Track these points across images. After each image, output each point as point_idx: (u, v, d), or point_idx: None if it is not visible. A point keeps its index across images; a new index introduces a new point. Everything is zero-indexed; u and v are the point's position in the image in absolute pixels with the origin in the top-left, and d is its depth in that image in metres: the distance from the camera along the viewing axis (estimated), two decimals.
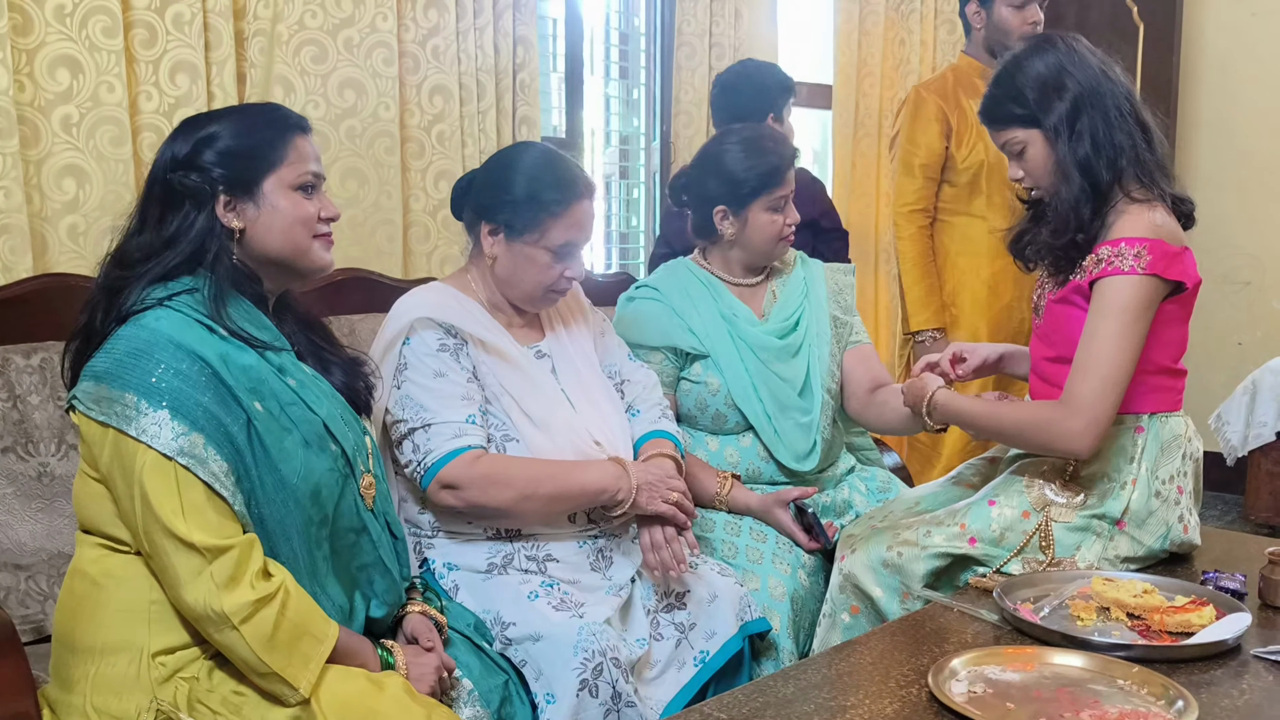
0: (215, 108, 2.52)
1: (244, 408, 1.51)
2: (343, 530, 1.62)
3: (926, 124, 3.30)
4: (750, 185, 2.32)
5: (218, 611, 1.43)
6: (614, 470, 1.98)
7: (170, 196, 1.59)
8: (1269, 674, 1.56)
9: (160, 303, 1.53)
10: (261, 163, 1.60)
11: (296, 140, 1.64)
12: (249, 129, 1.61)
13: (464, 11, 3.06)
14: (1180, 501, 1.99)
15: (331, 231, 1.68)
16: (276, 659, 1.45)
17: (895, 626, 1.79)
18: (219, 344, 1.53)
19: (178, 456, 1.44)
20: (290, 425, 1.56)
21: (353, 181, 2.89)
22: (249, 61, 2.68)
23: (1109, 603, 1.75)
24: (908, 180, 3.34)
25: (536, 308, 2.13)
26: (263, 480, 1.51)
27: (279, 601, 1.46)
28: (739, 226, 2.37)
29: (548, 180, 2.01)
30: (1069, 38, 2.01)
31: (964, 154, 3.28)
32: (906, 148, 3.35)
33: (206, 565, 1.43)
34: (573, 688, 1.76)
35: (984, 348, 2.24)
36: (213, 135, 1.59)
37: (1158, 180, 1.97)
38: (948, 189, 3.32)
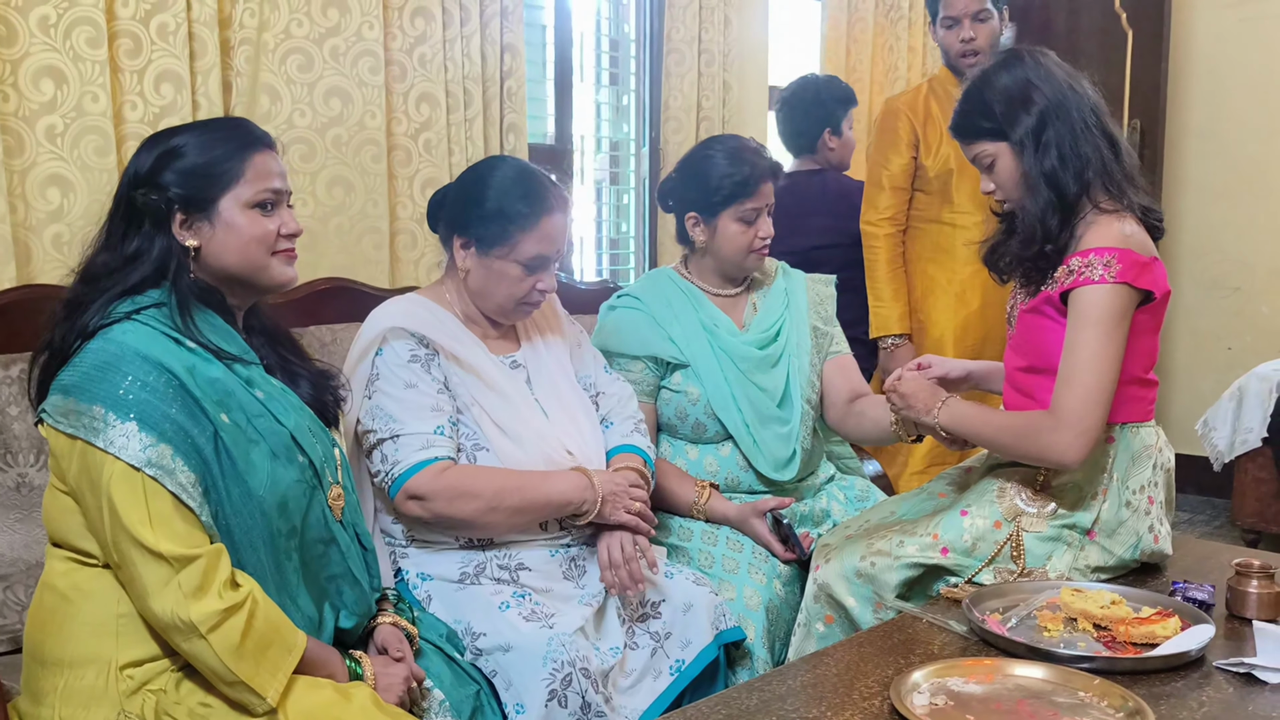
0: (200, 118, 2.56)
1: (211, 419, 1.52)
2: (311, 541, 1.63)
3: (894, 138, 3.31)
4: (721, 194, 2.34)
5: (185, 620, 1.44)
6: (580, 481, 2.00)
7: (131, 214, 1.61)
8: (1229, 686, 1.58)
9: (128, 316, 1.55)
10: (217, 181, 1.61)
11: (255, 157, 1.64)
12: (207, 147, 1.62)
13: (451, 20, 3.07)
14: (1151, 511, 2.01)
15: (294, 247, 1.68)
16: (244, 668, 1.46)
17: (864, 637, 1.81)
18: (186, 356, 1.54)
19: (145, 467, 1.45)
20: (257, 437, 1.57)
21: (339, 189, 2.91)
22: (235, 70, 2.70)
23: (1076, 613, 1.77)
24: (877, 193, 3.34)
25: (510, 320, 2.15)
26: (229, 491, 1.53)
27: (247, 611, 1.47)
28: (709, 235, 2.39)
29: (517, 194, 2.03)
30: (1036, 52, 2.03)
31: (932, 162, 3.28)
32: (875, 161, 3.36)
33: (174, 574, 1.45)
34: (541, 698, 1.78)
35: (951, 364, 2.24)
36: (172, 152, 1.61)
37: (1126, 191, 1.98)
38: (921, 196, 3.33)
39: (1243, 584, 1.82)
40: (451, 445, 1.97)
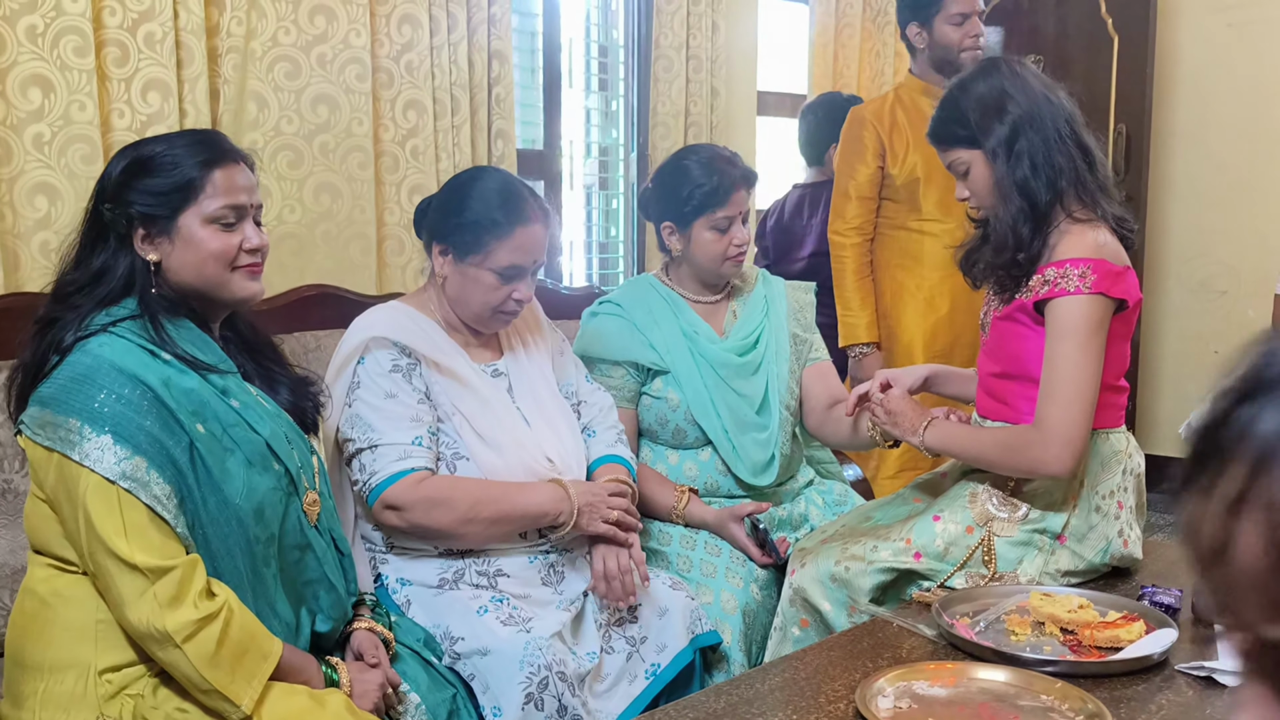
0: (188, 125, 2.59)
1: (186, 430, 1.55)
2: (287, 547, 1.66)
3: (860, 148, 3.30)
4: (693, 204, 2.37)
5: (161, 630, 1.47)
6: (556, 493, 2.02)
7: (99, 228, 1.63)
8: (1189, 689, 1.61)
9: (105, 328, 1.57)
10: (177, 197, 1.62)
11: (216, 173, 1.64)
12: (170, 162, 1.63)
13: (438, 27, 3.10)
14: (1121, 516, 2.03)
15: (258, 261, 1.68)
16: (219, 676, 1.49)
17: (834, 641, 1.83)
18: (161, 368, 1.57)
19: (120, 480, 1.48)
20: (233, 446, 1.60)
21: (326, 196, 2.93)
22: (222, 78, 2.72)
23: (1044, 617, 1.79)
24: (844, 203, 3.33)
25: (487, 329, 2.17)
26: (206, 501, 1.55)
27: (222, 620, 1.50)
28: (684, 244, 2.42)
29: (495, 203, 2.06)
30: (1014, 62, 2.06)
31: (899, 171, 3.28)
32: (842, 170, 3.36)
33: (149, 585, 1.47)
34: (518, 701, 1.81)
35: (908, 377, 2.26)
36: (137, 166, 1.62)
37: (1100, 201, 2.01)
38: (888, 204, 3.34)
39: None
40: (430, 456, 2.00)
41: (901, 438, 2.15)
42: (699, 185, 2.36)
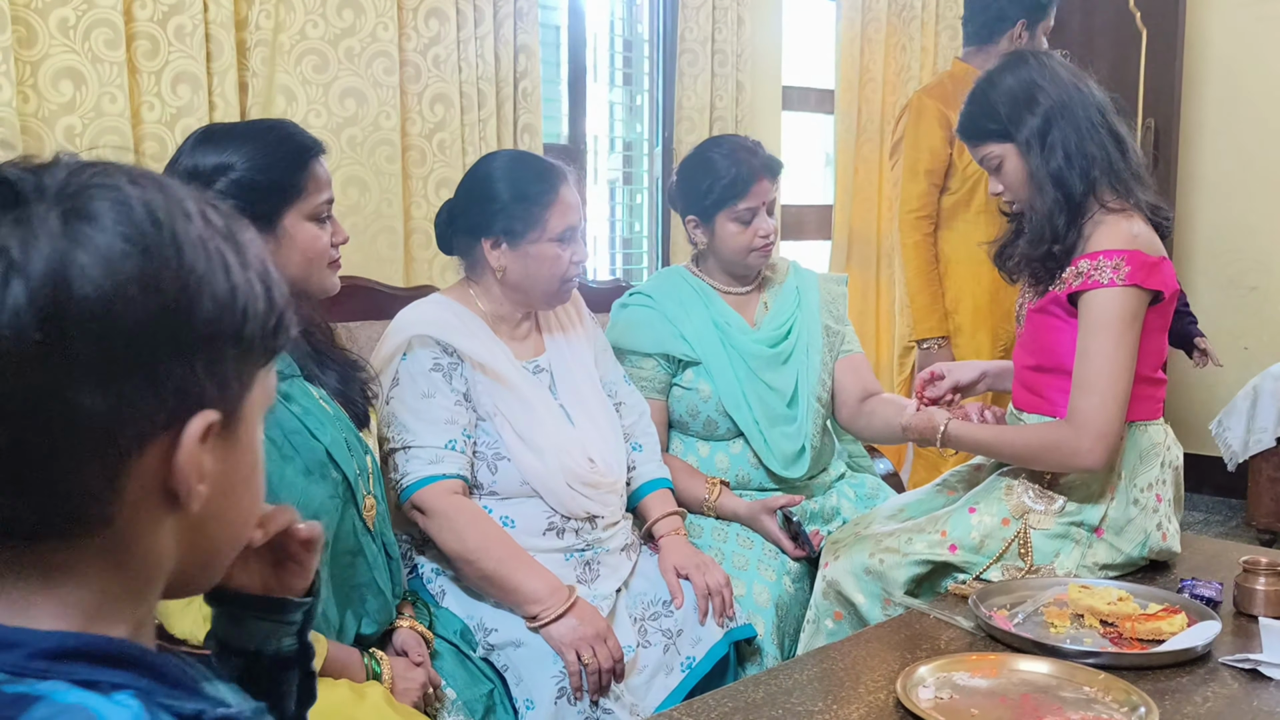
0: (217, 119, 2.58)
1: None
2: (340, 553, 1.65)
3: (930, 129, 3.31)
4: (713, 197, 2.36)
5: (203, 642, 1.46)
6: (558, 593, 1.91)
7: None
8: (1235, 682, 1.58)
9: None
10: (281, 196, 1.60)
11: (313, 167, 1.63)
12: (268, 160, 1.59)
13: (465, 21, 3.09)
14: (1159, 509, 2.01)
15: (340, 254, 1.69)
16: None
17: (871, 633, 1.82)
18: None
19: None
20: (292, 453, 1.58)
21: (354, 189, 2.93)
22: (251, 71, 2.72)
23: (1083, 610, 1.77)
24: (912, 185, 3.35)
25: (555, 303, 2.16)
26: None
27: None
28: (709, 236, 2.41)
29: (528, 176, 2.05)
30: (1041, 54, 2.04)
31: (965, 160, 3.29)
32: (911, 153, 3.36)
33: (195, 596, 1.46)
34: (551, 695, 1.80)
35: (961, 370, 2.25)
36: (230, 164, 1.58)
37: (1133, 190, 1.99)
38: (947, 197, 3.34)
39: (1250, 581, 1.82)
40: (464, 461, 1.98)
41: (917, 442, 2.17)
42: (719, 178, 2.35)
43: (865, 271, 4.32)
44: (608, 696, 1.88)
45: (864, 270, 4.31)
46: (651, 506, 2.23)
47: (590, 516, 2.06)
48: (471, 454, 2.02)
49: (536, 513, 2.04)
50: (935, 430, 2.08)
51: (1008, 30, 3.30)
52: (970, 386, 2.25)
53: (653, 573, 2.13)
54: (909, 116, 3.42)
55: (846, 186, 4.25)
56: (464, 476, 1.98)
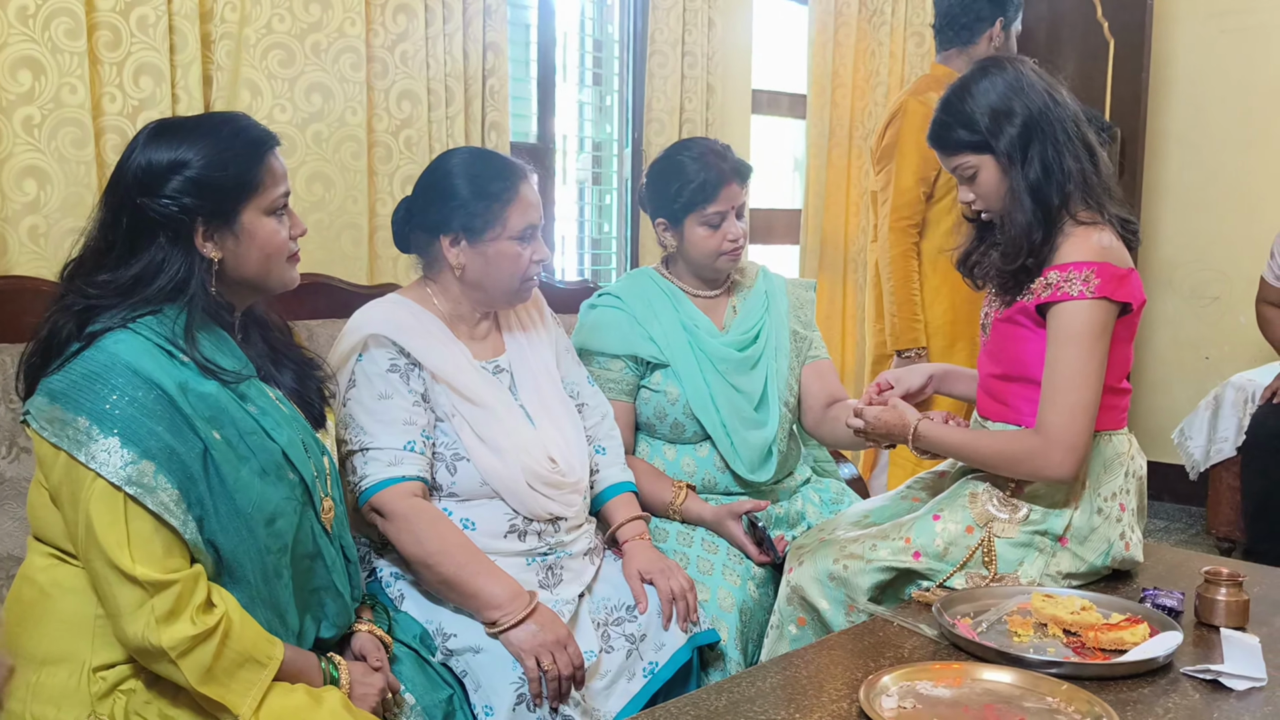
0: (180, 111, 2.54)
1: (201, 437, 1.50)
2: (298, 556, 1.62)
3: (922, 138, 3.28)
4: (682, 200, 2.34)
5: (155, 646, 1.43)
6: (519, 598, 1.88)
7: (143, 224, 1.55)
8: (1196, 692, 1.59)
9: (123, 323, 1.51)
10: (239, 192, 1.57)
11: (270, 160, 1.61)
12: (224, 156, 1.57)
13: (433, 17, 3.06)
14: (1122, 519, 2.02)
15: (299, 248, 1.67)
16: (214, 689, 1.46)
17: (835, 640, 1.81)
18: (179, 371, 1.52)
19: (125, 485, 1.43)
20: (248, 454, 1.55)
21: (319, 185, 2.89)
22: (215, 65, 2.68)
23: (1047, 619, 1.78)
24: (905, 191, 3.30)
25: (516, 303, 2.14)
26: (217, 509, 1.51)
27: (220, 634, 1.46)
28: (678, 240, 2.40)
29: (488, 173, 2.03)
30: (1015, 61, 2.03)
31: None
32: (907, 156, 3.31)
33: (148, 599, 1.43)
34: (510, 701, 1.78)
35: (909, 377, 2.24)
36: (185, 160, 1.55)
37: (1104, 203, 1.99)
38: (932, 204, 3.33)
39: (1211, 592, 1.83)
40: (423, 462, 1.96)
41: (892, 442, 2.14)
42: (688, 181, 2.33)
43: (833, 277, 4.32)
44: (567, 703, 1.86)
45: (832, 276, 4.32)
46: (615, 511, 2.21)
47: (553, 518, 2.04)
48: (430, 455, 1.99)
49: (497, 514, 2.01)
50: (907, 427, 2.07)
51: (986, 30, 3.31)
52: (919, 392, 2.24)
53: (616, 577, 2.11)
54: (902, 120, 3.35)
55: (816, 191, 4.26)
56: (423, 478, 1.96)
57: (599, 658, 1.97)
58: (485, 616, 1.88)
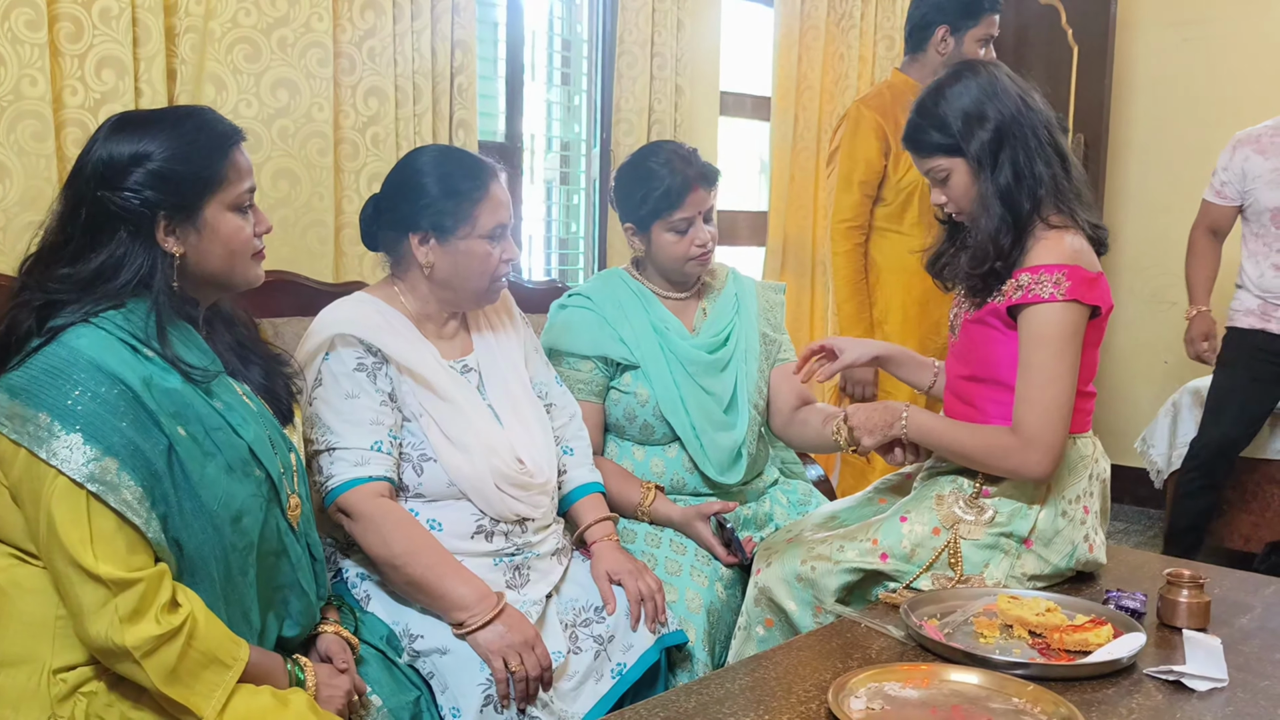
0: (143, 105, 2.51)
1: (166, 433, 1.48)
2: (263, 553, 1.60)
3: (866, 140, 3.33)
4: (648, 207, 2.34)
5: (119, 646, 1.40)
6: (486, 600, 1.87)
7: (103, 218, 1.52)
8: (1159, 693, 1.60)
9: (85, 318, 1.49)
10: (202, 187, 1.55)
11: (234, 155, 1.59)
12: (187, 149, 1.55)
13: (401, 14, 3.04)
14: (1086, 521, 2.04)
15: (264, 245, 1.65)
16: (178, 690, 1.43)
17: (803, 641, 1.81)
18: (143, 366, 1.49)
19: (88, 483, 1.41)
20: (214, 450, 1.53)
21: (284, 182, 2.86)
22: (179, 58, 2.65)
23: (1012, 620, 1.79)
24: (845, 195, 3.36)
25: (485, 303, 2.13)
26: (181, 506, 1.48)
27: (184, 635, 1.44)
28: (646, 245, 2.39)
29: (458, 172, 2.02)
30: (990, 65, 2.04)
31: (900, 173, 3.31)
32: (846, 163, 3.37)
33: (111, 598, 1.41)
34: (477, 702, 1.77)
35: (856, 348, 2.24)
36: (147, 153, 1.53)
37: (1075, 208, 2.01)
38: (880, 208, 3.36)
39: (1173, 593, 1.85)
40: (390, 462, 1.94)
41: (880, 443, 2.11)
42: (653, 188, 2.33)
43: (799, 279, 4.34)
44: (535, 704, 1.85)
45: (798, 278, 4.33)
46: (583, 512, 2.20)
47: (520, 519, 2.03)
48: (398, 456, 1.97)
49: (464, 515, 2.00)
50: (898, 415, 2.06)
51: (931, 37, 3.34)
52: (862, 370, 2.24)
53: (584, 578, 2.11)
54: (846, 126, 3.43)
55: (782, 194, 4.27)
56: (390, 479, 1.94)
57: (567, 659, 1.96)
58: (452, 617, 1.86)
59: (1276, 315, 3.74)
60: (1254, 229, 3.76)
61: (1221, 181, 3.80)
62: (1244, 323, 3.80)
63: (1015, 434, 1.94)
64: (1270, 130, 3.74)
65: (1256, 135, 3.75)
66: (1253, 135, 3.76)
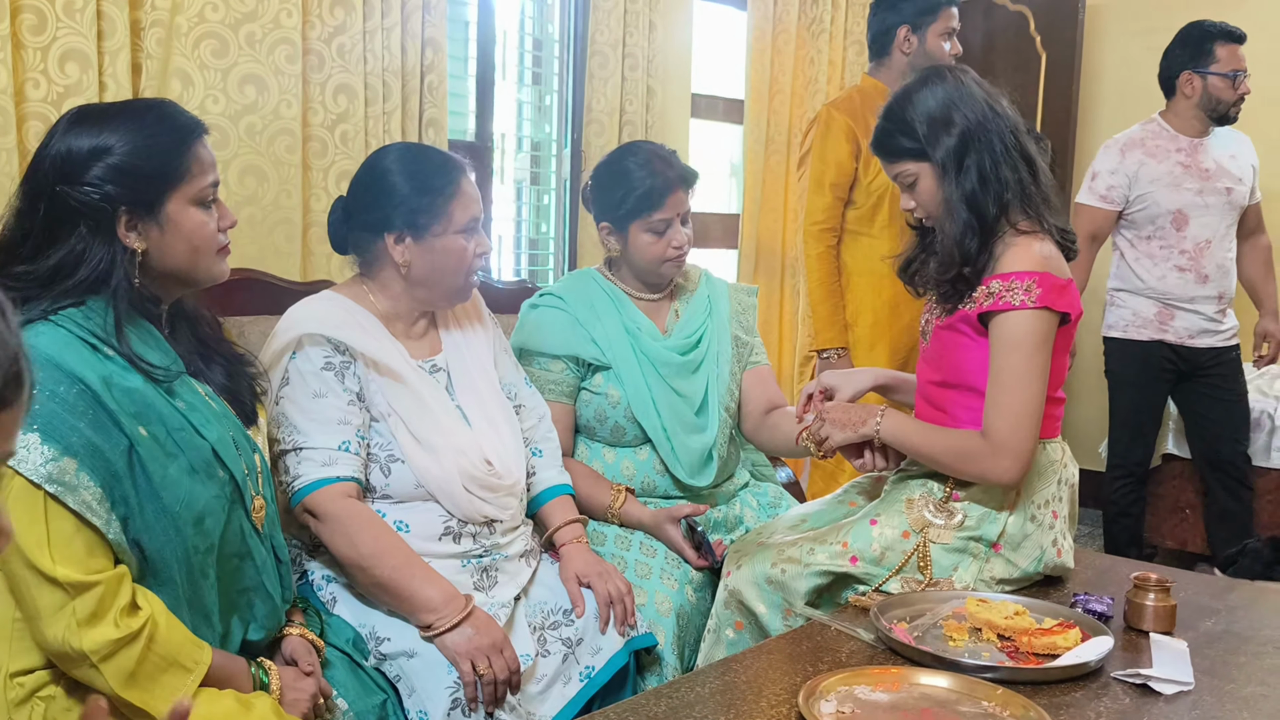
0: (108, 100, 2.47)
1: (126, 433, 1.45)
2: (226, 556, 1.58)
3: (837, 143, 3.34)
4: (628, 207, 2.34)
5: (77, 650, 1.38)
6: (454, 602, 1.85)
7: (62, 213, 1.49)
8: (1126, 696, 1.61)
9: (44, 315, 1.46)
10: (164, 181, 1.52)
11: (197, 149, 1.57)
12: (148, 142, 1.52)
13: (371, 11, 3.02)
14: (1055, 526, 2.04)
15: (229, 240, 1.62)
16: (137, 694, 1.41)
17: (773, 644, 1.81)
18: (103, 365, 1.46)
19: (45, 484, 1.38)
20: (176, 451, 1.51)
21: (251, 179, 2.83)
22: (145, 53, 2.61)
23: (981, 624, 1.79)
24: (817, 198, 3.37)
25: (458, 301, 2.11)
26: (143, 508, 1.46)
27: (144, 638, 1.42)
28: (622, 245, 2.39)
29: (428, 169, 2.01)
30: (957, 70, 2.05)
31: (870, 176, 3.32)
32: (817, 165, 3.39)
33: (69, 601, 1.38)
34: (445, 706, 1.75)
35: (855, 382, 2.25)
36: (107, 147, 1.50)
37: (1043, 213, 2.01)
38: (851, 211, 3.37)
39: (1140, 597, 1.86)
40: (357, 463, 1.92)
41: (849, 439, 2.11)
42: (634, 188, 2.32)
43: (770, 282, 4.34)
44: (503, 708, 1.84)
45: (769, 280, 4.34)
46: (552, 514, 2.19)
47: (488, 521, 2.02)
48: (365, 456, 1.95)
49: (432, 517, 1.98)
50: (872, 416, 2.06)
51: (893, 40, 3.35)
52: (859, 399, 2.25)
53: (553, 581, 2.09)
54: (816, 129, 3.45)
55: (754, 197, 4.27)
56: (358, 479, 1.92)
57: (535, 661, 1.94)
58: (420, 620, 1.84)
59: (1174, 324, 3.76)
60: (1146, 232, 3.75)
61: (1108, 186, 3.77)
62: (1141, 335, 3.81)
63: (985, 440, 1.95)
64: (1149, 134, 3.77)
65: (1140, 139, 3.77)
66: (1136, 139, 3.77)
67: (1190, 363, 3.81)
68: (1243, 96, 3.67)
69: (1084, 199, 3.82)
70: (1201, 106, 3.70)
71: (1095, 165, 3.83)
